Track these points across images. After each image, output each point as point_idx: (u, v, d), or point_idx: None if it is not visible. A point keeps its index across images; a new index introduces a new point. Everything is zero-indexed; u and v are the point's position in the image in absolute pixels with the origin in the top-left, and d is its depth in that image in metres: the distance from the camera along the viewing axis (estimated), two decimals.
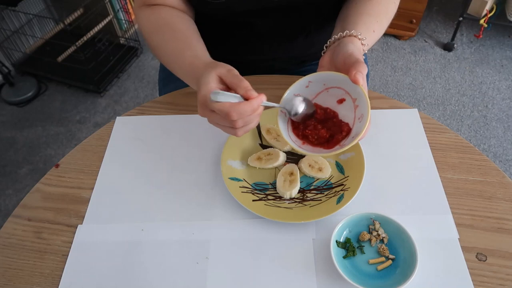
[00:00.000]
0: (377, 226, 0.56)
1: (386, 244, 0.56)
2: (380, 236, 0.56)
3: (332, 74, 0.56)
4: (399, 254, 0.54)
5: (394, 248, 0.55)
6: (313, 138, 0.57)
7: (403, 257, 0.53)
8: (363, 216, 0.57)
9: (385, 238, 0.56)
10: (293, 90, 0.58)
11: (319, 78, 0.58)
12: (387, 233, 0.56)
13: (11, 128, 1.88)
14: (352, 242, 0.56)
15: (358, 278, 0.52)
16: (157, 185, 0.64)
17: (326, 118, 0.58)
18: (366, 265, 0.54)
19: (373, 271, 0.54)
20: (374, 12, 0.65)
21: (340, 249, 0.55)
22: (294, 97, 0.57)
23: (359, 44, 0.59)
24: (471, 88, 1.94)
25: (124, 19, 2.17)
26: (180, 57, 0.62)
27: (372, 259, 0.55)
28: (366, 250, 0.56)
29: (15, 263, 0.57)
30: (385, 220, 0.56)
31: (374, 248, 0.56)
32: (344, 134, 0.55)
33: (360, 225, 0.57)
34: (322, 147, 0.56)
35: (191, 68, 0.59)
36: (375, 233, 0.56)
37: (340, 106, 0.58)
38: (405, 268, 0.52)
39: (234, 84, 0.52)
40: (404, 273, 0.51)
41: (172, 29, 0.66)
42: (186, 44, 0.63)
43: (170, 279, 0.54)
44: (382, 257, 0.55)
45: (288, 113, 0.57)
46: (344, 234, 0.56)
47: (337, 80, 0.56)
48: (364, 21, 0.63)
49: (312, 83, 0.58)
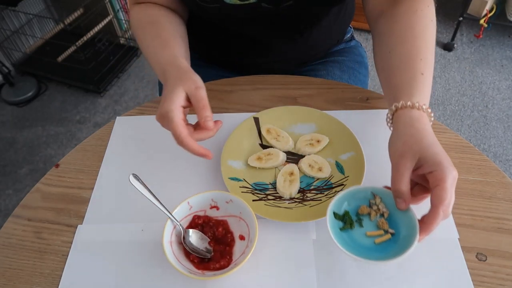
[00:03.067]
0: (377, 201, 0.53)
1: (386, 218, 0.52)
2: (380, 210, 0.53)
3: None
4: (399, 229, 0.51)
5: (395, 223, 0.52)
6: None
7: (403, 233, 0.50)
8: (363, 190, 0.54)
9: (386, 213, 0.52)
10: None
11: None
12: (388, 208, 0.52)
13: (11, 128, 1.88)
14: (350, 215, 0.53)
15: (354, 250, 0.49)
16: (157, 185, 0.64)
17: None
18: (363, 238, 0.52)
19: (371, 244, 0.51)
20: (413, 53, 0.58)
21: (338, 221, 0.53)
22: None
23: (417, 115, 0.52)
24: (471, 88, 1.94)
25: (124, 19, 2.17)
26: (158, 54, 0.63)
27: (370, 231, 0.52)
28: (365, 223, 0.53)
29: (15, 263, 0.57)
30: (386, 195, 0.52)
31: (373, 222, 0.53)
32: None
33: (360, 199, 0.54)
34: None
35: (165, 67, 0.59)
36: (375, 207, 0.53)
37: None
38: (404, 243, 0.48)
39: (196, 109, 0.54)
40: (403, 248, 0.47)
41: (156, 26, 0.67)
42: (166, 42, 0.64)
43: (170, 279, 0.54)
44: (381, 230, 0.52)
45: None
46: (343, 207, 0.54)
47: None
48: (407, 72, 0.56)
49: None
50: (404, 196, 0.49)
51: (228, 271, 0.51)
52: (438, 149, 0.49)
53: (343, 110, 0.73)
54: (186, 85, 0.55)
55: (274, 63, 0.85)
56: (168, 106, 0.53)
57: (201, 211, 0.58)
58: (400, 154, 0.50)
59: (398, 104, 0.54)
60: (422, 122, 0.52)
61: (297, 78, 0.80)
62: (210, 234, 0.57)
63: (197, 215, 0.58)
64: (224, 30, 0.78)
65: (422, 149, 0.48)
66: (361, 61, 0.92)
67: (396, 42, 0.61)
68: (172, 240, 0.54)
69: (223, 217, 0.58)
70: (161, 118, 0.55)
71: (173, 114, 0.53)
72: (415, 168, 0.49)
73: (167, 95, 0.55)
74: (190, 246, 0.55)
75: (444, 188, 0.45)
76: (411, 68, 0.57)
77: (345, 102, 0.75)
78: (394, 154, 0.51)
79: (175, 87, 0.55)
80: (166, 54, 0.62)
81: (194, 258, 0.54)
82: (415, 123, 0.52)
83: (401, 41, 0.60)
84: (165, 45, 0.63)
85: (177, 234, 0.55)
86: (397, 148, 0.51)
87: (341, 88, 0.78)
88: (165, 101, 0.54)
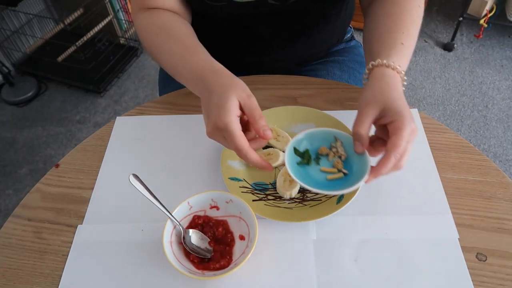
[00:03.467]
0: (338, 144, 0.56)
1: (343, 161, 0.55)
2: (338, 152, 0.56)
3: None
4: (352, 171, 0.54)
5: (350, 166, 0.55)
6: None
7: (355, 175, 0.53)
8: (327, 132, 0.57)
9: (343, 156, 0.55)
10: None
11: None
12: (347, 152, 0.56)
13: (11, 128, 1.88)
14: (310, 153, 0.56)
15: (305, 181, 0.51)
16: (157, 185, 0.64)
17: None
18: (317, 173, 0.55)
19: (323, 179, 0.54)
20: (397, 26, 0.61)
21: (296, 156, 0.55)
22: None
23: (390, 73, 0.55)
24: (471, 88, 1.94)
25: (124, 19, 2.17)
26: (188, 60, 0.59)
27: (324, 167, 0.55)
28: (322, 162, 0.56)
29: (15, 263, 0.57)
30: (348, 140, 0.55)
31: (330, 163, 0.56)
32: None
33: (322, 140, 0.57)
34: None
35: (202, 73, 0.56)
36: (335, 150, 0.56)
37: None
38: (353, 182, 0.51)
39: (252, 118, 0.52)
40: (349, 185, 0.51)
41: (172, 32, 0.65)
42: (192, 47, 0.61)
43: (170, 279, 0.54)
44: (335, 169, 0.55)
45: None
46: (304, 145, 0.56)
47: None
48: (388, 40, 0.59)
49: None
50: (362, 139, 0.51)
51: (228, 271, 0.51)
52: (403, 103, 0.51)
53: (343, 110, 0.73)
54: (237, 93, 0.51)
55: (276, 62, 0.85)
56: (227, 118, 0.50)
57: (201, 211, 0.58)
58: (366, 102, 0.52)
59: (374, 63, 0.56)
60: (394, 79, 0.54)
61: (297, 78, 0.80)
62: (210, 234, 0.57)
63: (197, 215, 0.58)
64: (226, 29, 0.78)
65: (387, 101, 0.51)
66: (361, 61, 0.92)
67: (382, 16, 0.64)
68: (172, 240, 0.54)
69: (223, 217, 0.58)
70: (218, 131, 0.51)
71: (234, 126, 0.50)
72: (379, 118, 0.51)
73: (220, 104, 0.51)
74: (190, 246, 0.55)
75: (400, 136, 0.47)
76: (392, 38, 0.59)
77: (345, 102, 0.75)
78: (361, 103, 0.53)
79: (226, 96, 0.51)
80: (198, 59, 0.58)
81: (194, 258, 0.54)
82: (386, 78, 0.54)
83: (387, 15, 0.63)
84: (193, 50, 0.60)
85: (177, 234, 0.55)
86: (365, 98, 0.53)
87: (341, 88, 0.78)
88: (219, 111, 0.50)
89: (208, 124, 0.53)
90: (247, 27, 0.76)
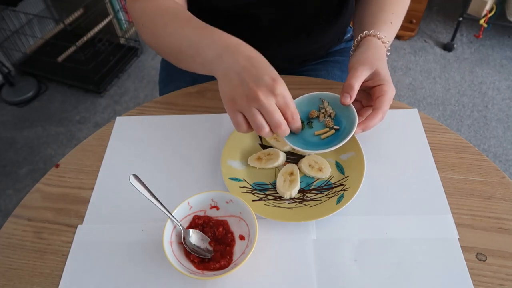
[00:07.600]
0: (325, 104, 0.62)
1: (332, 118, 0.61)
2: (327, 112, 0.61)
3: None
4: (342, 124, 0.60)
5: (339, 121, 0.61)
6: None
7: (345, 128, 0.59)
8: (311, 96, 0.63)
9: (332, 114, 0.61)
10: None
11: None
12: (334, 109, 0.61)
13: (11, 128, 1.88)
14: (302, 119, 0.60)
15: (302, 145, 0.58)
16: (157, 185, 0.64)
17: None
18: (312, 137, 0.60)
19: (318, 140, 0.60)
20: (387, 7, 0.68)
21: None
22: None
23: (380, 43, 0.62)
24: (471, 88, 1.94)
25: (124, 19, 2.17)
26: (206, 37, 0.57)
27: (318, 131, 0.61)
28: (315, 125, 0.61)
29: (15, 263, 0.57)
30: (333, 98, 0.62)
31: (321, 123, 0.62)
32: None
33: (310, 105, 0.63)
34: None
35: (229, 44, 0.54)
36: (323, 110, 0.62)
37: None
38: (344, 135, 0.57)
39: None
40: (343, 139, 0.56)
41: (182, 15, 0.62)
42: (208, 27, 0.59)
43: (170, 279, 0.54)
44: (327, 128, 0.60)
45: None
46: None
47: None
48: (379, 17, 0.66)
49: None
50: (353, 91, 0.57)
51: (228, 271, 0.51)
52: (388, 71, 0.60)
53: None
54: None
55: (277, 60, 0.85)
56: (282, 82, 0.52)
57: (201, 211, 0.58)
58: (361, 62, 0.59)
59: (368, 32, 0.63)
60: (383, 50, 0.63)
61: (297, 78, 0.80)
62: (210, 234, 0.57)
63: (197, 215, 0.58)
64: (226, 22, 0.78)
65: (379, 66, 0.59)
66: None
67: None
68: (172, 240, 0.54)
69: (223, 217, 0.58)
70: (269, 95, 0.50)
71: (282, 81, 0.52)
72: (366, 80, 0.59)
73: (272, 70, 0.53)
74: (190, 246, 0.55)
75: (386, 96, 0.58)
76: (382, 17, 0.66)
77: None
78: (355, 62, 0.59)
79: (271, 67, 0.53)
80: (222, 35, 0.57)
81: (194, 258, 0.54)
82: (378, 48, 0.62)
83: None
84: (210, 29, 0.58)
85: (177, 234, 0.55)
86: (359, 59, 0.60)
87: (341, 88, 0.78)
88: (274, 78, 0.51)
89: (252, 89, 0.50)
90: (247, 18, 0.75)
